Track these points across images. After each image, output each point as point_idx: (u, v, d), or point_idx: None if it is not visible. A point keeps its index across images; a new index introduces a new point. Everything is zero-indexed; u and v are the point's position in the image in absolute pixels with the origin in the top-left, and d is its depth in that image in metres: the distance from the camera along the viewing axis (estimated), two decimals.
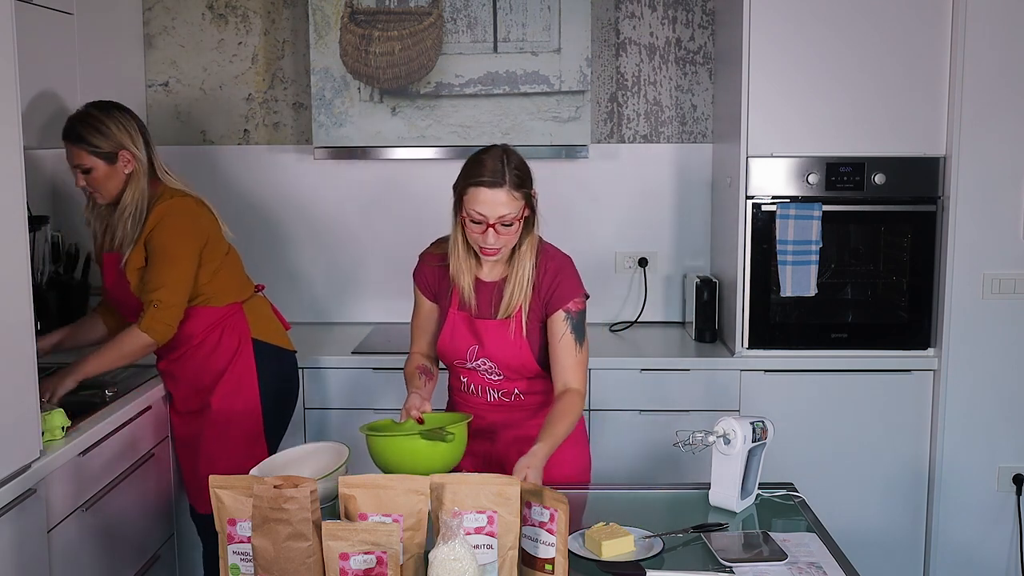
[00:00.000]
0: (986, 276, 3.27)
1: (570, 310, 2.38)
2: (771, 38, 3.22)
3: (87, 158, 2.75)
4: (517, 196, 2.28)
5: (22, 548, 2.23)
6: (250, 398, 2.90)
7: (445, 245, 2.47)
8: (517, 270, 2.37)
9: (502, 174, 2.27)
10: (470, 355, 2.44)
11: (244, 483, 1.78)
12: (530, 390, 2.47)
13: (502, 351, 2.40)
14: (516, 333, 2.39)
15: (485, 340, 2.41)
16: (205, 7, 3.79)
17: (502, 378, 2.45)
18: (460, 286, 2.41)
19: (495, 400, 2.48)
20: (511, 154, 2.33)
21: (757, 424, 2.24)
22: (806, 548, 2.02)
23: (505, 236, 2.30)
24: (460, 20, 3.63)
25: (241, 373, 2.89)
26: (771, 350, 3.35)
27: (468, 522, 1.74)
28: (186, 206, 2.81)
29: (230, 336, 2.89)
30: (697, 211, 3.80)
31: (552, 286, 2.38)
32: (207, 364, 2.88)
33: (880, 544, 3.37)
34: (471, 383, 2.49)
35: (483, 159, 2.31)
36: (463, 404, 2.53)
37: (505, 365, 2.42)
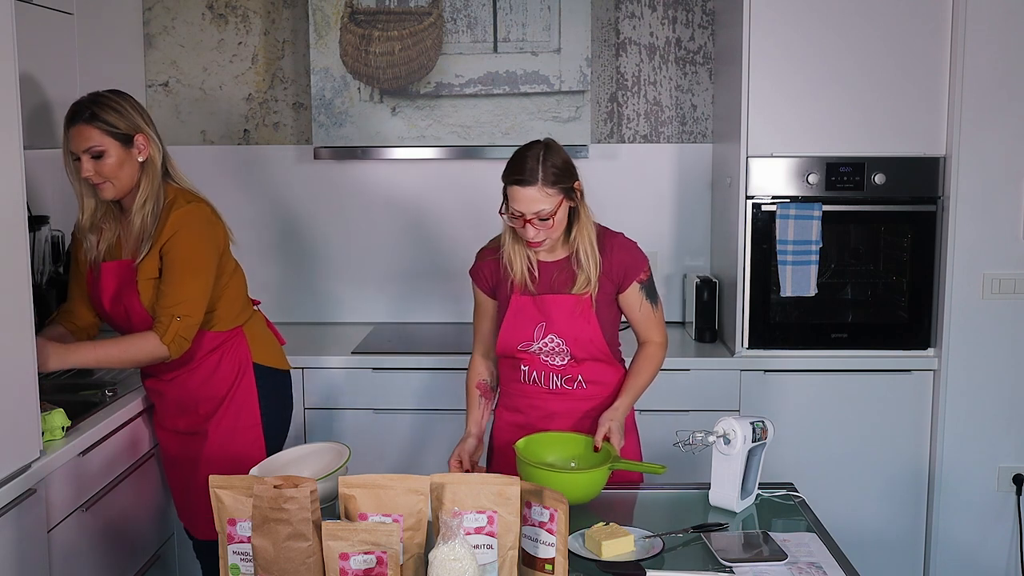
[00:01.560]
0: (986, 276, 3.27)
1: (642, 280, 2.49)
2: (771, 38, 3.22)
3: (101, 138, 2.51)
4: (551, 192, 2.33)
5: (22, 548, 2.23)
6: (252, 425, 2.76)
7: (498, 239, 2.52)
8: (583, 255, 2.42)
9: (535, 172, 2.32)
10: (537, 334, 2.44)
11: (244, 483, 1.78)
12: (594, 378, 2.48)
13: (570, 325, 2.43)
14: (585, 308, 2.43)
15: (553, 315, 2.43)
16: (205, 7, 3.79)
17: (567, 361, 2.46)
18: (514, 272, 2.44)
19: (557, 388, 2.48)
20: (551, 150, 2.37)
21: (757, 424, 2.24)
22: (806, 548, 2.02)
23: (545, 229, 2.35)
24: (460, 20, 3.63)
25: (242, 401, 2.75)
26: (771, 350, 3.35)
27: (468, 522, 1.73)
28: (205, 214, 2.64)
29: (230, 362, 2.74)
30: (697, 211, 3.80)
31: (622, 262, 2.46)
32: (203, 390, 2.72)
33: (880, 544, 3.37)
34: (532, 370, 2.49)
35: (522, 156, 2.37)
36: (520, 396, 2.53)
37: (574, 340, 2.44)
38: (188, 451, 2.78)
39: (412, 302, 3.88)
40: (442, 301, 3.87)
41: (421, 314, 3.87)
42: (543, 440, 2.37)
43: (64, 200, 3.75)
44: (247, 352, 2.77)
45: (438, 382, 3.35)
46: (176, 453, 2.83)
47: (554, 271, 2.46)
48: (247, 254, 3.82)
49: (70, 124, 2.55)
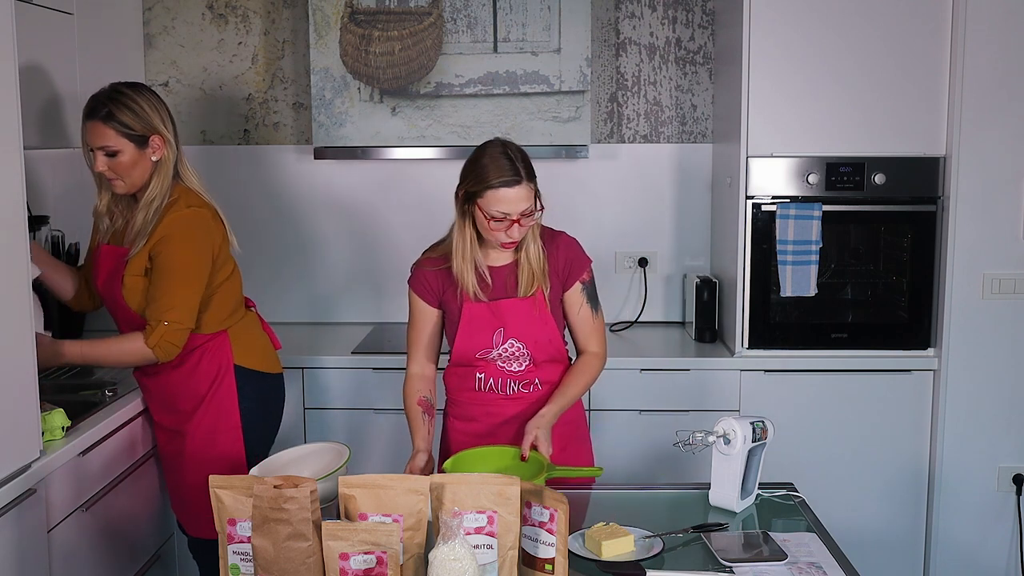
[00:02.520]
0: (986, 276, 3.27)
1: (585, 280, 2.48)
2: (771, 38, 3.22)
3: (115, 139, 2.55)
4: (532, 186, 2.35)
5: (22, 548, 2.23)
6: (231, 426, 2.75)
7: (440, 248, 2.48)
8: (527, 253, 2.41)
9: (516, 170, 2.32)
10: (496, 340, 2.43)
11: (244, 483, 1.78)
12: (549, 379, 2.48)
13: (529, 327, 2.42)
14: (540, 308, 2.43)
15: (510, 320, 2.42)
16: (205, 7, 3.79)
17: (525, 366, 2.45)
18: (465, 283, 2.41)
19: (515, 392, 2.47)
20: (511, 146, 2.38)
21: (757, 424, 2.24)
22: (806, 548, 2.02)
23: (526, 227, 2.36)
24: (460, 20, 3.63)
25: (222, 402, 2.74)
26: (771, 350, 3.35)
27: (468, 522, 1.73)
28: (200, 219, 2.63)
29: (210, 362, 2.72)
30: (697, 211, 3.80)
31: (566, 260, 2.46)
32: (184, 388, 2.73)
33: (880, 544, 3.37)
34: (488, 378, 2.47)
35: (494, 158, 2.34)
36: (474, 404, 2.51)
37: (533, 343, 2.43)
38: (174, 447, 2.80)
39: None
40: None
41: None
42: (471, 456, 2.34)
43: (64, 200, 3.76)
44: (229, 354, 2.75)
45: (438, 382, 3.34)
46: (165, 448, 2.85)
47: (505, 274, 2.44)
48: (247, 254, 3.81)
49: (87, 118, 2.58)
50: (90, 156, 2.61)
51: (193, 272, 2.61)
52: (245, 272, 3.26)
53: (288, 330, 3.71)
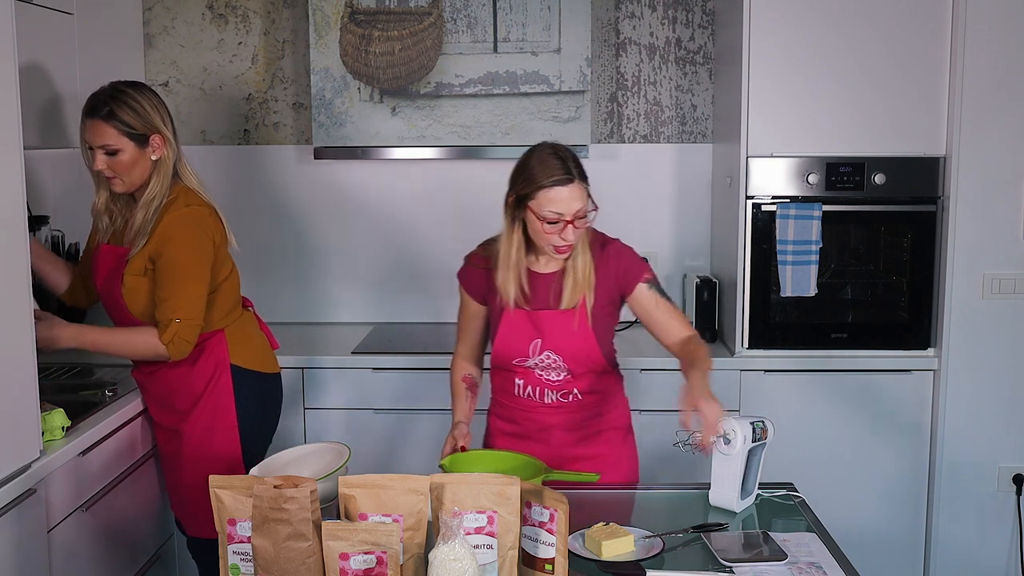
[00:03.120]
0: (986, 276, 3.27)
1: (648, 279, 2.41)
2: (771, 38, 3.22)
3: (116, 138, 2.54)
4: (585, 187, 2.31)
5: (22, 548, 2.23)
6: (227, 425, 2.74)
7: (491, 247, 2.45)
8: (575, 261, 2.36)
9: (568, 169, 2.28)
10: (533, 350, 2.40)
11: (244, 483, 1.78)
12: (590, 389, 2.45)
13: (567, 341, 2.37)
14: (581, 322, 2.37)
15: (547, 332, 2.38)
16: (205, 7, 3.79)
17: (563, 377, 2.42)
18: (506, 294, 2.38)
19: (553, 402, 2.45)
20: (561, 147, 2.34)
21: (757, 424, 2.24)
22: (806, 548, 2.02)
23: (580, 229, 2.31)
24: (460, 20, 3.63)
25: (218, 401, 2.73)
26: (771, 350, 3.35)
27: (468, 522, 1.73)
28: (201, 217, 2.63)
29: (206, 361, 2.71)
30: (697, 211, 3.80)
31: (619, 268, 2.39)
32: (181, 386, 2.72)
33: (880, 544, 3.37)
34: (527, 385, 2.45)
35: (543, 159, 2.30)
36: (516, 409, 2.49)
37: (571, 357, 2.39)
38: (172, 447, 2.79)
39: (412, 302, 3.88)
40: (442, 301, 3.86)
41: (421, 314, 3.87)
42: (468, 458, 2.37)
43: (64, 200, 3.76)
44: (225, 353, 2.74)
45: (438, 382, 3.34)
46: (163, 448, 2.85)
47: (550, 283, 2.40)
48: (247, 254, 3.81)
49: (87, 116, 2.57)
50: (89, 155, 2.60)
51: (196, 269, 2.60)
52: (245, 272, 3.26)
53: (288, 330, 3.71)
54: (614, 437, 2.51)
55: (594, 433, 2.48)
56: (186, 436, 2.73)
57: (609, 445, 2.50)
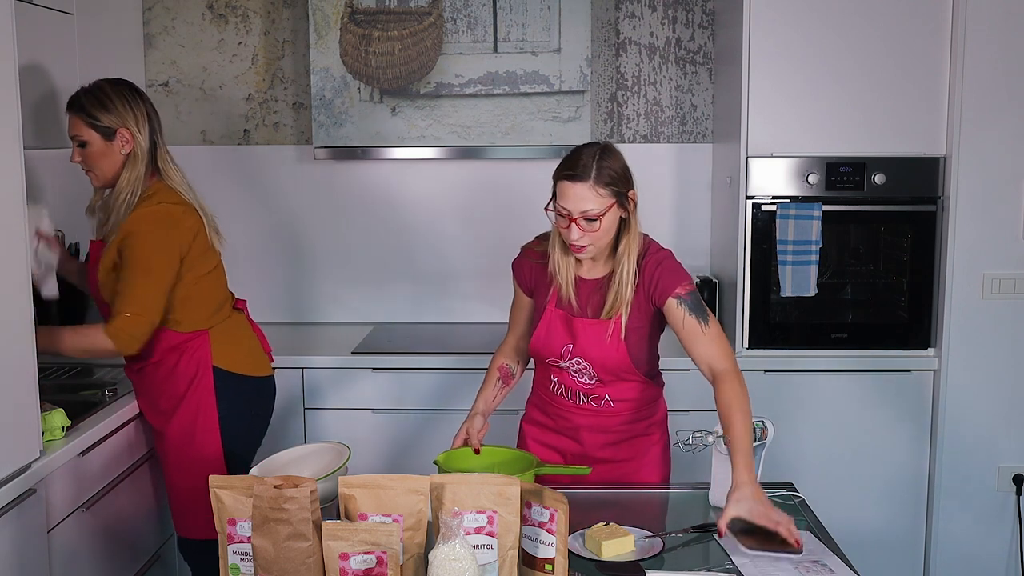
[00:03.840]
0: (986, 276, 3.27)
1: (679, 294, 2.29)
2: (771, 38, 3.22)
3: (84, 130, 2.63)
4: (603, 193, 2.22)
5: (22, 548, 2.23)
6: (209, 428, 2.73)
7: (547, 241, 2.42)
8: (619, 272, 2.31)
9: (588, 169, 2.22)
10: (564, 354, 2.39)
11: (244, 483, 1.78)
12: (622, 397, 2.41)
13: (598, 351, 2.35)
14: (614, 334, 2.32)
15: (580, 339, 2.36)
16: (205, 7, 3.79)
17: (594, 382, 2.40)
18: (559, 282, 2.36)
19: (584, 404, 2.43)
20: (608, 151, 2.28)
21: (757, 424, 2.24)
22: (806, 547, 2.02)
23: (591, 233, 2.24)
24: (460, 20, 3.63)
25: (199, 403, 2.73)
26: (771, 350, 3.35)
27: (468, 522, 1.73)
28: (168, 214, 2.63)
29: (188, 362, 2.71)
30: (697, 211, 3.80)
31: (654, 279, 2.31)
32: (164, 387, 2.74)
33: (880, 544, 3.37)
34: (561, 383, 2.44)
35: (578, 152, 2.29)
36: (551, 403, 2.49)
37: (600, 366, 2.36)
38: (160, 447, 2.82)
39: (412, 302, 3.88)
40: (442, 301, 3.87)
41: (421, 314, 3.87)
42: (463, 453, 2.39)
43: (64, 200, 3.75)
44: (208, 354, 2.74)
45: (438, 382, 3.35)
46: (155, 447, 2.87)
47: (592, 290, 2.37)
48: (247, 254, 3.83)
49: (67, 109, 2.68)
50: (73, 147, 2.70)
51: (156, 266, 2.61)
52: (245, 272, 3.27)
53: (288, 330, 3.72)
54: (642, 444, 2.48)
55: (626, 439, 2.45)
56: (169, 437, 2.75)
57: (638, 451, 2.47)
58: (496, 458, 2.38)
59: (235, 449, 2.79)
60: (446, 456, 2.35)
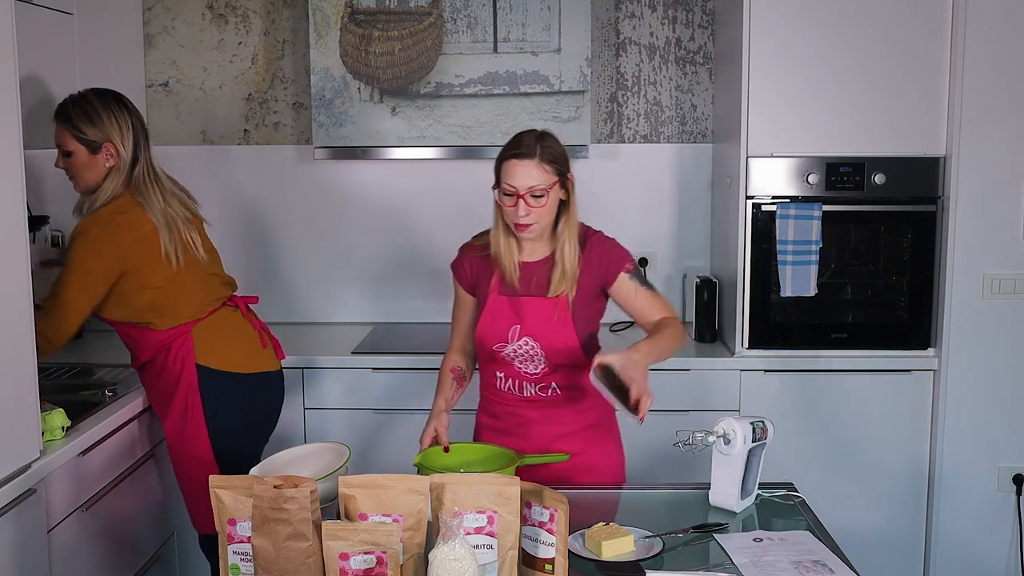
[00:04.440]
0: (986, 276, 3.27)
1: (629, 269, 2.45)
2: (771, 38, 3.22)
3: (70, 141, 2.65)
4: (547, 169, 2.34)
5: (22, 548, 2.23)
6: (197, 426, 2.74)
7: (485, 237, 2.51)
8: (561, 250, 2.41)
9: (533, 148, 2.34)
10: (512, 335, 2.43)
11: (244, 483, 1.78)
12: (569, 384, 2.46)
13: (545, 329, 2.41)
14: (561, 311, 2.41)
15: (527, 318, 2.42)
16: (205, 7, 3.79)
17: (541, 369, 2.44)
18: (503, 266, 2.43)
19: (532, 395, 2.47)
20: (548, 134, 2.41)
21: (757, 424, 2.24)
22: (805, 547, 2.02)
23: (536, 210, 2.34)
24: (460, 20, 3.63)
25: (186, 401, 2.73)
26: (771, 350, 3.35)
27: (468, 522, 1.73)
28: (114, 225, 2.61)
29: (173, 361, 2.72)
30: (697, 211, 3.80)
31: (600, 258, 2.44)
32: (157, 385, 2.77)
33: (880, 544, 3.37)
34: (508, 378, 2.48)
35: (520, 136, 2.40)
36: (497, 403, 2.52)
37: (548, 344, 2.42)
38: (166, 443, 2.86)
39: (412, 302, 3.88)
40: (442, 301, 3.85)
41: (421, 314, 3.87)
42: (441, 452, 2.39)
43: (64, 200, 3.75)
44: (191, 353, 2.73)
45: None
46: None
47: (535, 272, 2.45)
48: (246, 254, 3.83)
49: (54, 117, 2.70)
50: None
51: (82, 273, 2.59)
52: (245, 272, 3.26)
53: (288, 330, 3.71)
54: (594, 435, 2.52)
55: (575, 430, 2.49)
56: (167, 435, 2.80)
57: (589, 443, 2.50)
58: (476, 455, 2.39)
59: (228, 446, 2.77)
60: (424, 456, 2.35)
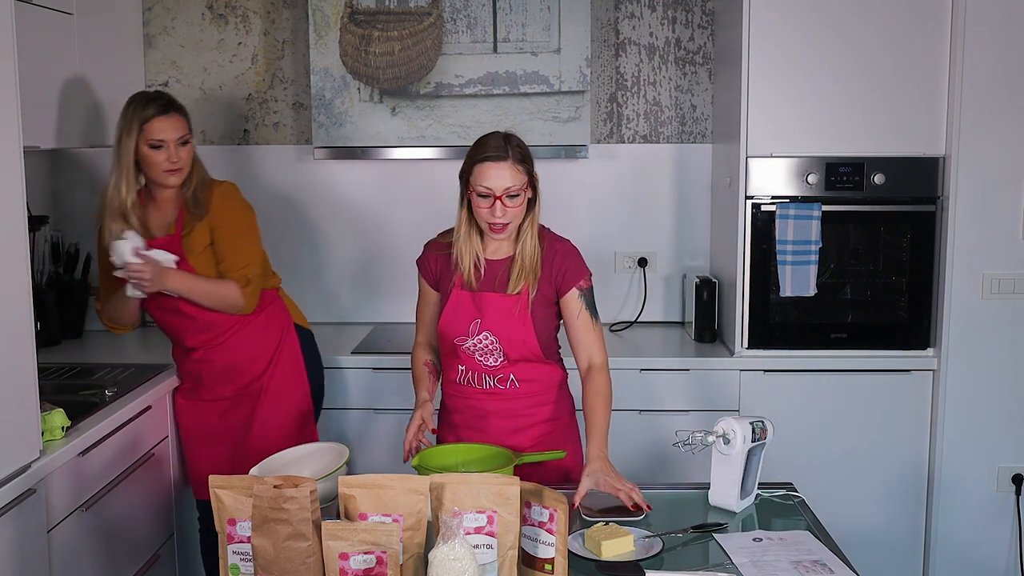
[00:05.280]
0: (986, 276, 3.27)
1: (582, 287, 2.48)
2: (771, 38, 3.22)
3: (187, 128, 2.81)
4: (520, 170, 2.39)
5: (22, 548, 2.23)
6: (300, 382, 2.99)
7: (451, 235, 2.55)
8: (523, 248, 2.46)
9: (505, 149, 2.39)
10: (472, 330, 2.46)
11: (244, 483, 1.78)
12: (527, 377, 2.50)
13: (504, 324, 2.45)
14: (521, 308, 2.45)
15: (488, 312, 2.45)
16: (205, 7, 3.79)
17: (500, 362, 2.47)
18: (463, 266, 2.48)
19: (491, 388, 2.50)
20: (512, 135, 2.46)
21: (757, 424, 2.24)
22: (805, 547, 2.02)
23: (512, 209, 2.39)
24: (460, 20, 3.63)
25: (289, 359, 2.97)
26: (771, 350, 3.35)
27: (468, 522, 1.74)
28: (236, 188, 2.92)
29: (274, 322, 2.96)
30: (697, 211, 3.80)
31: (563, 267, 2.48)
32: (254, 349, 2.92)
33: (880, 544, 3.37)
34: (468, 371, 2.51)
35: (487, 140, 2.45)
36: (456, 396, 2.55)
37: (507, 339, 2.45)
38: (232, 420, 2.93)
39: (412, 302, 3.85)
40: None
41: None
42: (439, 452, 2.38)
43: (64, 200, 3.75)
44: (287, 312, 3.02)
45: None
46: (215, 425, 2.95)
47: (498, 270, 2.49)
48: None
49: (160, 113, 2.75)
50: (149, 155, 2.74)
51: (255, 229, 2.91)
52: None
53: None
54: (551, 430, 2.53)
55: (531, 424, 2.51)
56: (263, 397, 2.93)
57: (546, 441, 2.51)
58: (474, 454, 2.38)
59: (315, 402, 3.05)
60: (421, 457, 2.34)
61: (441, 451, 2.40)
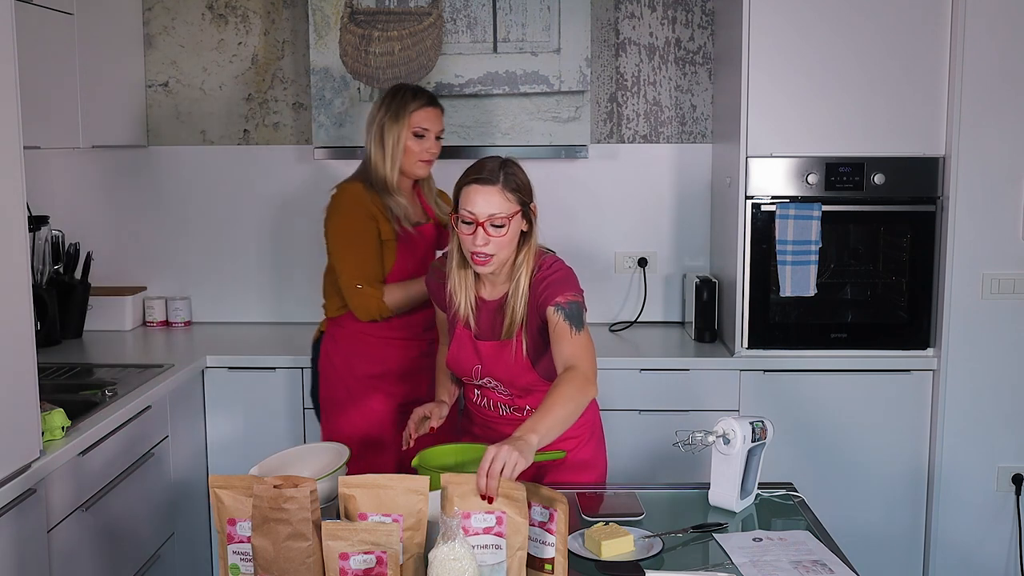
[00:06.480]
0: (985, 276, 3.27)
1: (559, 302, 2.26)
2: (771, 38, 3.22)
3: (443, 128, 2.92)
4: (510, 198, 2.24)
5: (22, 548, 2.23)
6: None
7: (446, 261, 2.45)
8: (516, 288, 2.31)
9: (496, 174, 2.25)
10: (475, 374, 2.42)
11: (244, 483, 1.78)
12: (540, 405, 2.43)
13: (505, 372, 2.37)
14: (517, 353, 2.33)
15: (487, 360, 2.38)
16: (205, 7, 3.79)
17: (511, 395, 2.43)
18: (458, 303, 2.36)
19: (507, 415, 2.46)
20: (511, 162, 2.31)
21: (757, 424, 2.24)
22: (805, 547, 2.02)
23: (496, 239, 2.23)
24: (460, 20, 3.63)
25: None
26: (771, 350, 3.35)
27: (476, 522, 1.74)
28: None
29: None
30: (697, 211, 3.80)
31: (544, 293, 2.30)
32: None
33: (880, 544, 3.37)
34: (484, 396, 2.47)
35: (483, 162, 2.31)
36: (476, 415, 2.53)
37: (509, 383, 2.40)
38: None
39: None
40: None
41: None
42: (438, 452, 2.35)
43: (64, 200, 3.75)
44: None
45: None
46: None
47: (494, 311, 2.37)
48: (246, 254, 3.83)
49: (427, 104, 2.88)
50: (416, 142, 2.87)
51: None
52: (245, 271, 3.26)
53: (287, 329, 3.71)
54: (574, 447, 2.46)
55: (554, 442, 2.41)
56: None
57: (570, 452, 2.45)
58: (474, 455, 2.35)
59: None
60: (420, 457, 2.33)
61: (441, 451, 2.39)
